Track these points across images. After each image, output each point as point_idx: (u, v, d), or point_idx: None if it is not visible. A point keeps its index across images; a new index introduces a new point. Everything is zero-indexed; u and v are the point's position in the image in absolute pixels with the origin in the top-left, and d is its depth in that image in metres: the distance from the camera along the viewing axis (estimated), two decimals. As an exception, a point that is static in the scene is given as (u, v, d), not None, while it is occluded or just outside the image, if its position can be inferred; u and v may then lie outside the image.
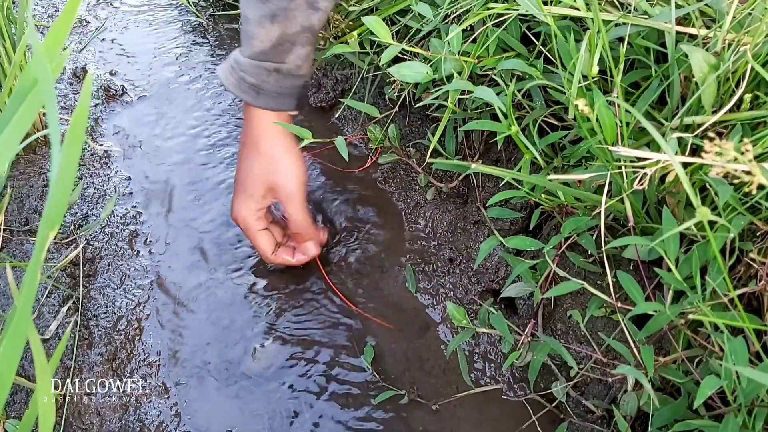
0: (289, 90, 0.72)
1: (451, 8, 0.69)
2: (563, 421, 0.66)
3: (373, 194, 0.92)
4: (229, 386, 0.72)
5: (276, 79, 0.71)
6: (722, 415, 0.48)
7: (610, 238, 0.57)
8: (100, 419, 0.69)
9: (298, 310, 0.79)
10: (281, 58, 0.70)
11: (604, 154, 0.53)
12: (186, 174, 0.97)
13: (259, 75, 0.70)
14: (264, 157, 0.73)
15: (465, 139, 0.81)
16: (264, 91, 0.71)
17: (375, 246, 0.86)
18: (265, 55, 0.70)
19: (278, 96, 0.72)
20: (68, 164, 0.26)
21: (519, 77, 0.67)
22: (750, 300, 0.53)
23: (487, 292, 0.78)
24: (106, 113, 1.08)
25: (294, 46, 0.70)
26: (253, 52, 0.70)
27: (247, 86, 0.71)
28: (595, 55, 0.53)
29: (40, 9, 1.32)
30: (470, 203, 0.82)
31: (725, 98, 0.52)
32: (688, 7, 0.54)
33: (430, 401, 0.70)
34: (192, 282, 0.82)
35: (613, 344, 0.55)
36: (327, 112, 1.04)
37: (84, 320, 0.77)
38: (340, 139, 0.76)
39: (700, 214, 0.39)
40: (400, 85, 0.78)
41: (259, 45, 0.69)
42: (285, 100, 0.73)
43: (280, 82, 0.71)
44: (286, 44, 0.70)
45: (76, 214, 0.89)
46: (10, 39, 0.90)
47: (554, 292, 0.59)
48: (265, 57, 0.70)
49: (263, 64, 0.70)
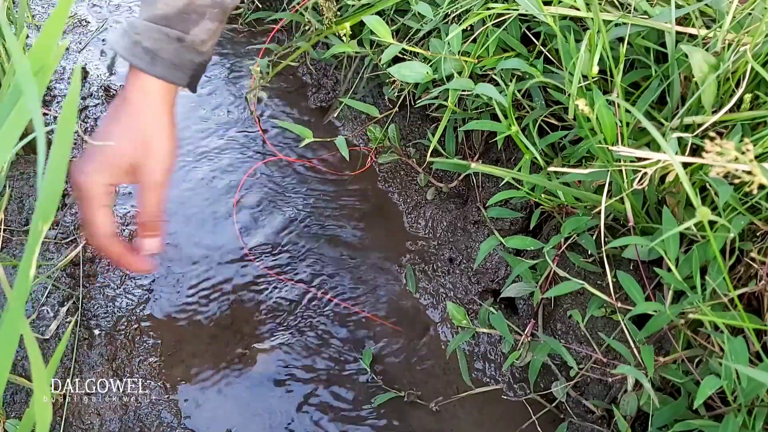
0: (187, 64, 0.66)
1: (451, 8, 0.69)
2: (563, 421, 0.66)
3: (373, 194, 0.92)
4: (229, 386, 0.72)
5: (176, 48, 0.65)
6: (722, 415, 0.48)
7: (610, 238, 0.57)
8: (100, 419, 0.69)
9: (298, 311, 0.79)
10: (185, 27, 0.65)
11: (604, 154, 0.53)
12: (186, 174, 0.97)
13: (159, 41, 0.64)
14: (138, 131, 0.65)
15: (465, 139, 0.81)
16: (160, 59, 0.65)
17: (375, 246, 0.86)
18: (167, 20, 0.64)
19: (174, 67, 0.65)
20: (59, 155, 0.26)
21: (519, 77, 0.67)
22: (750, 300, 0.53)
23: (487, 292, 0.78)
24: (106, 113, 1.08)
25: (201, 18, 0.65)
26: (154, 15, 0.64)
27: (141, 50, 0.64)
28: (595, 55, 0.53)
29: (40, 9, 1.32)
30: (470, 203, 0.82)
31: (725, 98, 0.52)
32: (688, 7, 0.54)
33: (430, 402, 0.70)
34: (192, 282, 0.82)
35: (613, 344, 0.55)
36: (327, 112, 1.04)
37: (84, 320, 0.77)
38: (341, 139, 0.76)
39: (700, 214, 0.39)
40: (400, 85, 0.78)
41: (163, 8, 0.64)
42: (179, 74, 0.66)
43: (179, 53, 0.65)
44: (193, 15, 0.64)
45: (76, 214, 0.89)
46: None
47: (554, 292, 0.59)
48: (168, 22, 0.64)
49: (165, 29, 0.64)
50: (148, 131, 0.66)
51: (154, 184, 0.66)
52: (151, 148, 0.66)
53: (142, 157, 0.65)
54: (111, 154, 0.65)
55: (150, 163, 0.66)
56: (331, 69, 1.05)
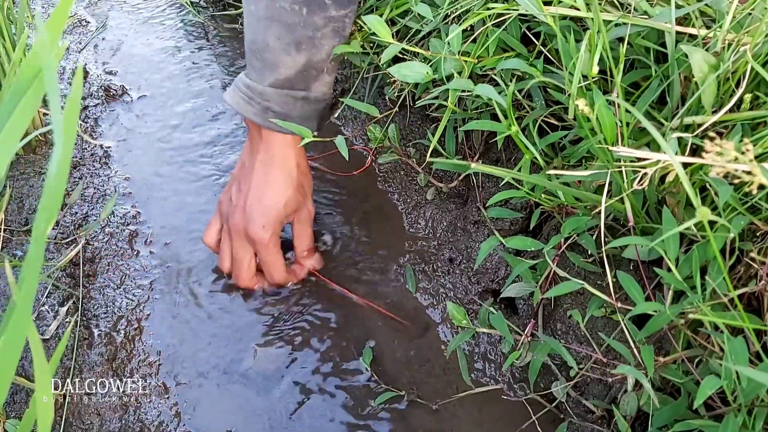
0: (313, 114, 0.74)
1: (451, 8, 0.69)
2: (563, 421, 0.66)
3: (373, 194, 0.92)
4: (229, 386, 0.72)
5: (302, 105, 0.72)
6: (722, 415, 0.48)
7: (610, 238, 0.57)
8: (100, 419, 0.69)
9: (298, 311, 0.79)
10: (307, 84, 0.71)
11: (604, 154, 0.53)
12: (186, 174, 0.97)
13: (287, 104, 0.71)
14: (297, 182, 0.75)
15: (465, 139, 0.81)
16: (291, 119, 0.72)
17: (375, 246, 0.86)
18: (290, 82, 0.70)
19: (303, 121, 0.73)
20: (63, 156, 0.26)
21: (519, 77, 0.67)
22: (750, 300, 0.53)
23: (487, 292, 0.78)
24: (106, 113, 1.08)
25: (321, 74, 0.70)
26: (277, 80, 0.70)
27: (273, 115, 0.71)
28: (595, 55, 0.52)
29: (40, 9, 1.32)
30: (470, 203, 0.82)
31: (725, 98, 0.52)
32: (688, 7, 0.54)
33: (430, 401, 0.70)
34: (191, 282, 0.82)
35: (613, 344, 0.55)
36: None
37: (84, 320, 0.77)
38: (341, 138, 0.76)
39: (700, 214, 0.39)
40: (400, 85, 0.78)
41: (284, 72, 0.69)
42: (308, 124, 0.73)
43: (306, 109, 0.72)
44: (313, 71, 0.70)
45: (76, 214, 0.89)
46: (10, 39, 0.90)
47: (554, 292, 0.59)
48: (291, 85, 0.70)
49: (290, 92, 0.70)
50: (302, 179, 0.76)
51: (309, 219, 0.79)
52: (304, 191, 0.77)
53: (303, 200, 0.77)
54: (284, 205, 0.75)
55: (307, 203, 0.78)
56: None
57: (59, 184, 0.26)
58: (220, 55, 1.21)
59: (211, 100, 1.11)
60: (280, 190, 0.74)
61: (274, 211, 0.74)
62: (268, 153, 0.74)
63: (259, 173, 0.75)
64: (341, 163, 0.91)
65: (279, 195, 0.74)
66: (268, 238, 0.74)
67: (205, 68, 1.18)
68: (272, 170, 0.74)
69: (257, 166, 0.75)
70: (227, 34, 1.27)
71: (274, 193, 0.74)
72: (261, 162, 0.75)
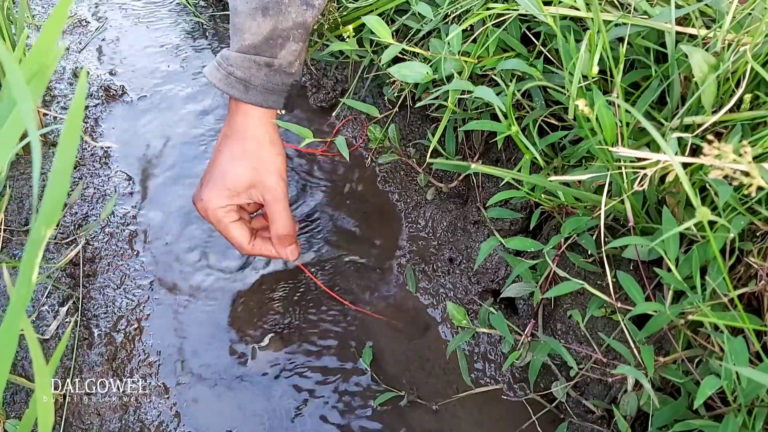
0: (279, 87, 0.70)
1: (451, 8, 0.69)
2: (563, 421, 0.66)
3: (372, 194, 0.92)
4: (229, 386, 0.72)
5: (266, 74, 0.69)
6: (722, 415, 0.48)
7: (610, 238, 0.57)
8: (100, 419, 0.69)
9: (298, 311, 0.79)
10: (273, 52, 0.68)
11: (604, 155, 0.53)
12: (186, 174, 0.97)
13: (249, 69, 0.68)
14: (250, 154, 0.70)
15: (465, 139, 0.81)
16: (253, 86, 0.69)
17: (375, 246, 0.86)
18: (255, 48, 0.68)
19: (267, 92, 0.70)
20: (65, 160, 0.26)
21: (519, 77, 0.67)
22: (750, 300, 0.53)
23: (487, 292, 0.78)
24: (106, 113, 1.08)
25: (287, 42, 0.68)
26: (242, 45, 0.68)
27: (235, 80, 0.69)
28: (595, 55, 0.53)
29: (40, 9, 1.32)
30: (470, 203, 0.82)
31: (725, 98, 0.52)
32: (688, 8, 0.54)
33: (430, 401, 0.70)
34: (192, 282, 0.82)
35: (613, 344, 0.55)
36: (327, 112, 1.04)
37: (84, 320, 0.77)
38: (341, 139, 0.76)
39: (700, 214, 0.39)
40: (399, 85, 0.78)
41: (249, 38, 0.68)
42: (274, 97, 0.71)
43: (270, 77, 0.69)
44: (279, 39, 0.68)
45: (76, 214, 0.89)
46: (10, 39, 0.90)
47: (554, 292, 0.59)
48: (256, 50, 0.68)
49: (254, 57, 0.68)
50: (259, 152, 0.71)
51: (277, 198, 0.72)
52: (265, 167, 0.71)
53: (259, 176, 0.71)
54: (228, 179, 0.71)
55: (268, 180, 0.71)
56: (331, 69, 1.05)
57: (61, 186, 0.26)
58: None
59: (211, 100, 1.10)
60: (223, 160, 0.71)
61: (218, 186, 0.70)
62: (228, 124, 0.72)
63: (217, 146, 0.72)
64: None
65: (227, 168, 0.70)
66: (209, 212, 0.71)
67: (204, 68, 1.18)
68: (226, 142, 0.72)
69: (219, 138, 0.73)
70: (227, 34, 1.27)
71: (216, 165, 0.71)
72: (222, 134, 0.73)
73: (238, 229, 0.73)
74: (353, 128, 1.01)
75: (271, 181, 0.71)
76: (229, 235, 0.73)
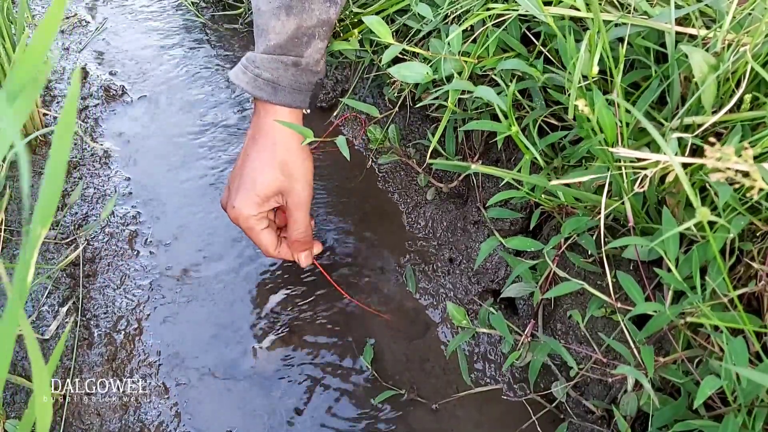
0: (305, 86, 0.70)
1: (451, 8, 0.69)
2: (563, 421, 0.66)
3: (373, 194, 0.92)
4: (229, 386, 0.72)
5: (293, 73, 0.69)
6: (722, 415, 0.48)
7: (610, 239, 0.57)
8: (100, 419, 0.69)
9: (298, 310, 0.79)
10: (299, 51, 0.68)
11: (604, 155, 0.53)
12: (186, 174, 0.97)
13: (277, 69, 0.68)
14: (279, 160, 0.70)
15: (465, 139, 0.81)
16: (281, 87, 0.69)
17: (375, 246, 0.86)
18: (281, 48, 0.67)
19: (295, 92, 0.69)
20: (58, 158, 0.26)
21: (519, 77, 0.67)
22: (750, 300, 0.53)
23: (487, 292, 0.78)
24: (106, 113, 1.08)
25: (312, 40, 0.68)
26: (268, 46, 0.68)
27: (263, 82, 0.68)
28: (595, 56, 0.52)
29: (40, 9, 1.32)
30: (470, 203, 0.82)
31: (725, 98, 0.52)
32: (687, 8, 0.54)
33: (430, 401, 0.70)
34: (192, 282, 0.82)
35: (613, 344, 0.55)
36: (327, 112, 1.04)
37: (84, 320, 0.77)
38: (341, 139, 0.76)
39: (700, 214, 0.39)
40: (400, 86, 0.78)
41: (274, 38, 0.67)
42: (301, 97, 0.70)
43: (297, 77, 0.69)
44: (304, 38, 0.67)
45: (76, 214, 0.89)
46: (10, 39, 0.90)
47: (554, 292, 0.59)
48: (282, 50, 0.67)
49: (281, 57, 0.68)
50: (287, 157, 0.71)
51: (299, 204, 0.72)
52: (293, 172, 0.71)
53: (287, 182, 0.71)
54: (258, 187, 0.70)
55: (295, 186, 0.71)
56: (331, 69, 1.05)
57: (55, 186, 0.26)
58: (221, 55, 1.21)
59: (211, 100, 1.11)
60: (253, 167, 0.71)
61: (249, 194, 0.70)
62: (255, 127, 0.72)
63: (244, 149, 0.72)
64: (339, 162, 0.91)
65: (257, 176, 0.70)
66: (238, 217, 0.71)
67: (205, 68, 1.18)
68: (253, 146, 0.71)
69: (246, 141, 0.73)
70: (227, 35, 1.27)
71: (247, 170, 0.71)
72: (249, 137, 0.72)
73: (267, 236, 0.74)
74: (353, 128, 1.01)
75: (298, 187, 0.72)
76: (259, 241, 0.74)
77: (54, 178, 0.26)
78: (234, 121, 1.06)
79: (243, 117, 1.06)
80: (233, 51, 1.22)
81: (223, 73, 1.17)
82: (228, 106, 1.09)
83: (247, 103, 1.09)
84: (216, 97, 1.11)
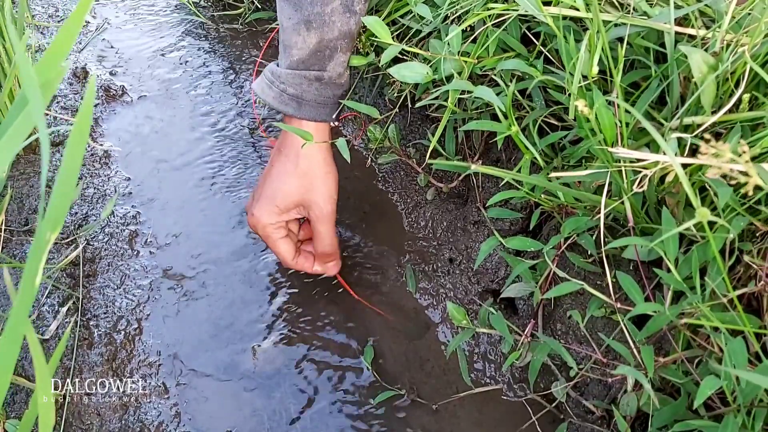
0: (330, 100, 0.71)
1: (451, 9, 0.69)
2: (563, 422, 0.66)
3: (372, 194, 0.92)
4: (229, 386, 0.72)
5: (317, 88, 0.70)
6: (722, 415, 0.48)
7: (610, 239, 0.57)
8: (100, 419, 0.69)
9: (298, 310, 0.79)
10: (322, 65, 0.69)
11: (603, 155, 0.53)
12: (186, 174, 0.97)
13: (300, 85, 0.69)
14: (301, 172, 0.71)
15: (465, 139, 0.81)
16: (306, 102, 0.70)
17: (375, 246, 0.86)
18: (304, 63, 0.68)
19: (319, 106, 0.71)
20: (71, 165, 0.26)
21: (519, 77, 0.67)
22: (749, 300, 0.53)
23: (487, 292, 0.78)
24: (106, 113, 1.08)
25: (335, 53, 0.69)
26: (291, 62, 0.69)
27: (288, 98, 0.69)
28: (595, 56, 0.53)
29: (40, 9, 1.32)
30: (470, 203, 0.82)
31: (724, 98, 0.52)
32: (687, 8, 0.54)
33: (430, 401, 0.70)
34: (192, 282, 0.82)
35: (613, 344, 0.55)
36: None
37: (84, 320, 0.77)
38: (342, 141, 0.76)
39: (699, 214, 0.39)
40: (399, 86, 0.78)
41: (297, 53, 0.68)
42: (326, 110, 0.71)
43: (321, 91, 0.70)
44: (326, 51, 0.68)
45: (76, 214, 0.89)
46: (10, 39, 0.90)
47: (554, 292, 0.59)
48: (305, 65, 0.68)
49: (304, 72, 0.69)
50: (310, 170, 0.72)
51: (322, 217, 0.73)
52: (314, 185, 0.72)
53: (308, 195, 0.72)
54: (279, 197, 0.72)
55: (317, 198, 0.72)
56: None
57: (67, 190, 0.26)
58: (221, 55, 1.21)
59: (211, 100, 1.11)
60: (275, 177, 0.72)
61: (269, 203, 0.72)
62: (282, 139, 0.73)
63: (271, 160, 0.74)
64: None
65: (278, 186, 0.72)
66: (256, 225, 0.73)
67: (205, 69, 1.18)
68: (278, 158, 0.73)
69: (273, 152, 0.74)
70: (227, 35, 1.27)
71: (269, 181, 0.72)
72: (276, 148, 0.74)
73: (285, 245, 0.74)
74: (353, 127, 1.01)
75: (320, 200, 0.73)
76: (276, 249, 0.75)
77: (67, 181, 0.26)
78: (234, 121, 1.06)
79: (243, 117, 1.06)
80: (233, 51, 1.22)
81: (224, 73, 1.17)
82: (228, 106, 1.09)
83: (247, 103, 1.09)
84: (216, 97, 1.11)
